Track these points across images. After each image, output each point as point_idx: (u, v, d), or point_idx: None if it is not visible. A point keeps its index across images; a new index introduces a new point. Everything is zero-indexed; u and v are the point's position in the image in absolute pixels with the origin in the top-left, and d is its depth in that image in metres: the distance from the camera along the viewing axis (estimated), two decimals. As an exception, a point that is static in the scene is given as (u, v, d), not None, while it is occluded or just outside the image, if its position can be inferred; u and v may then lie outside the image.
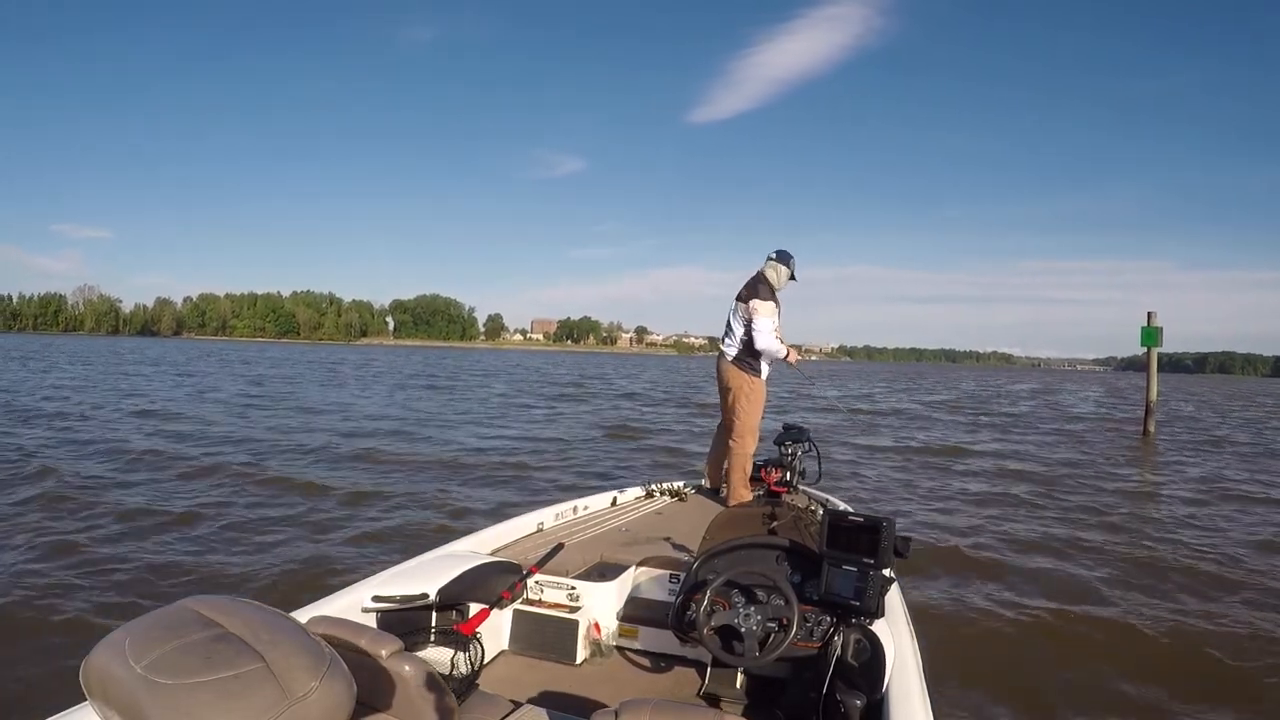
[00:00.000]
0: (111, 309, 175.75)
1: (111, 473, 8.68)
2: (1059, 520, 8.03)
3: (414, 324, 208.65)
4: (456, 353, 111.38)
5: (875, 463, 12.04)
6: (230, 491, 7.86)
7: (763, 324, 4.48)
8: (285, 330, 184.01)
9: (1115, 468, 12.65)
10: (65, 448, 10.30)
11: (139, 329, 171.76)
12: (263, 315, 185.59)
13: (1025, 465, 12.46)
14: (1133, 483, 11.15)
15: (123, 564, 5.27)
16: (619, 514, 4.16)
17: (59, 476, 8.09)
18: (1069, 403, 33.77)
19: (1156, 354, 17.07)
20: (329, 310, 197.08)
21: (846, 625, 2.27)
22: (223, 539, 6.05)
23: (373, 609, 2.42)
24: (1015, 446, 15.12)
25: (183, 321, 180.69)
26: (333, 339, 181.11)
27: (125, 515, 6.63)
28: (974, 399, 32.94)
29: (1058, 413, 26.39)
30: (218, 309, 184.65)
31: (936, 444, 14.80)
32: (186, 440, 11.52)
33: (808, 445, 4.63)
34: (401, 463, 10.21)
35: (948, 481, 10.50)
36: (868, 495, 9.09)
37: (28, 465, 8.66)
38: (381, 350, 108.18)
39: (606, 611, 2.87)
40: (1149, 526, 7.96)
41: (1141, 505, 9.23)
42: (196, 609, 0.94)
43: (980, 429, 18.58)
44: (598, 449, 12.58)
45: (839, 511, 2.49)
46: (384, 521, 6.85)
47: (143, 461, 9.43)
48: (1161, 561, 6.42)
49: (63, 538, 5.83)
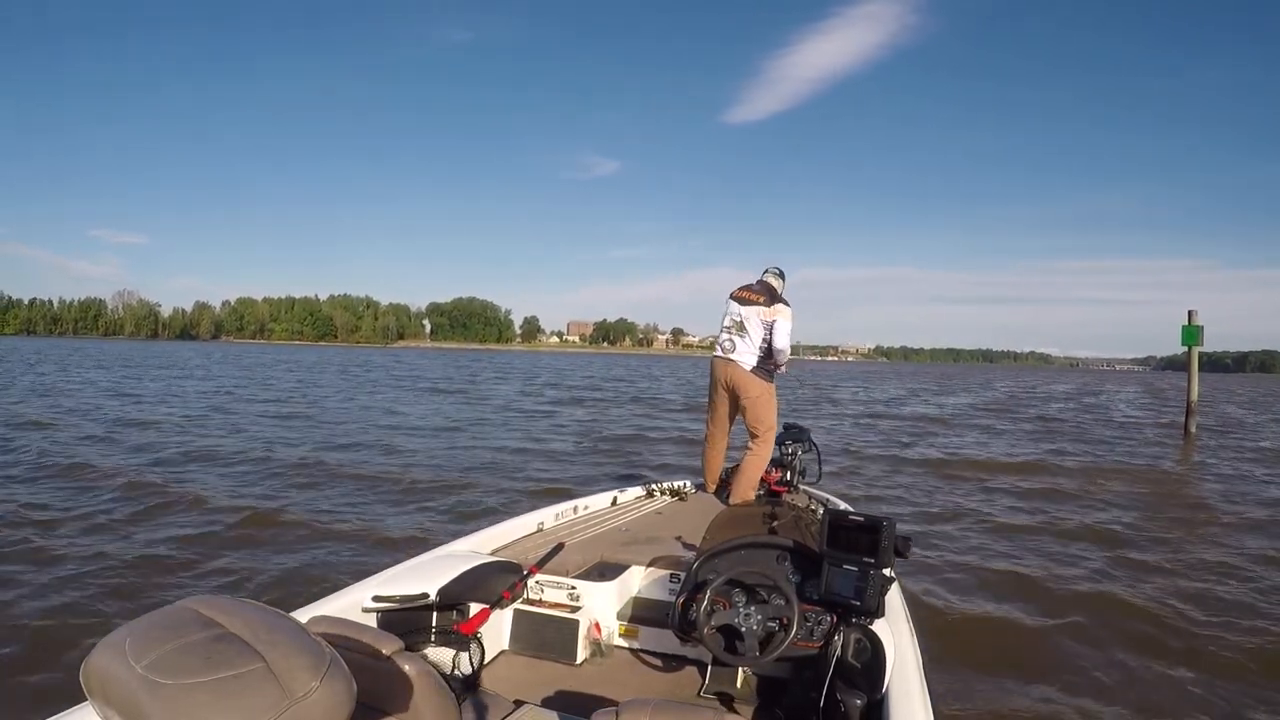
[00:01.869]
0: (150, 313, 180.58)
1: (108, 474, 8.71)
2: (1065, 520, 7.89)
3: (450, 327, 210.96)
4: (485, 354, 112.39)
5: (880, 463, 11.88)
6: (230, 490, 7.91)
7: (786, 327, 4.56)
8: (323, 334, 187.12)
9: (1144, 467, 12.34)
10: (50, 444, 10.45)
11: (178, 332, 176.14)
12: (300, 319, 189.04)
13: (1039, 462, 12.22)
14: (1160, 483, 10.86)
15: (122, 563, 5.32)
16: (619, 514, 4.15)
17: (59, 475, 8.21)
18: (1105, 403, 32.99)
19: (1197, 353, 16.67)
20: (366, 314, 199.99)
21: (847, 625, 2.26)
22: (223, 538, 6.09)
23: (373, 609, 2.43)
24: (1032, 445, 14.82)
25: (221, 325, 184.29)
26: (370, 342, 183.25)
27: (126, 514, 6.69)
28: (1002, 400, 32.22)
29: (1092, 413, 25.79)
30: (256, 313, 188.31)
31: (953, 446, 14.57)
32: (184, 438, 11.64)
33: (808, 445, 4.65)
34: (397, 464, 10.22)
35: (952, 480, 10.34)
36: (868, 495, 9.01)
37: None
38: (413, 353, 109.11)
39: (607, 611, 2.86)
40: (1166, 526, 7.80)
41: (1163, 506, 9.00)
42: (196, 609, 0.94)
43: (1001, 430, 18.16)
44: (569, 463, 11.26)
45: (839, 511, 2.48)
46: (384, 521, 6.88)
47: (142, 461, 9.52)
48: (1177, 565, 6.26)
49: (62, 537, 5.91)
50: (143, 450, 10.46)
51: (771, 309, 4.53)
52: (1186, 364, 17.28)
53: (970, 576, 5.77)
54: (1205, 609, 5.17)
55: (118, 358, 48.65)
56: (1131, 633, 4.73)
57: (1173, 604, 5.25)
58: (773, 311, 4.52)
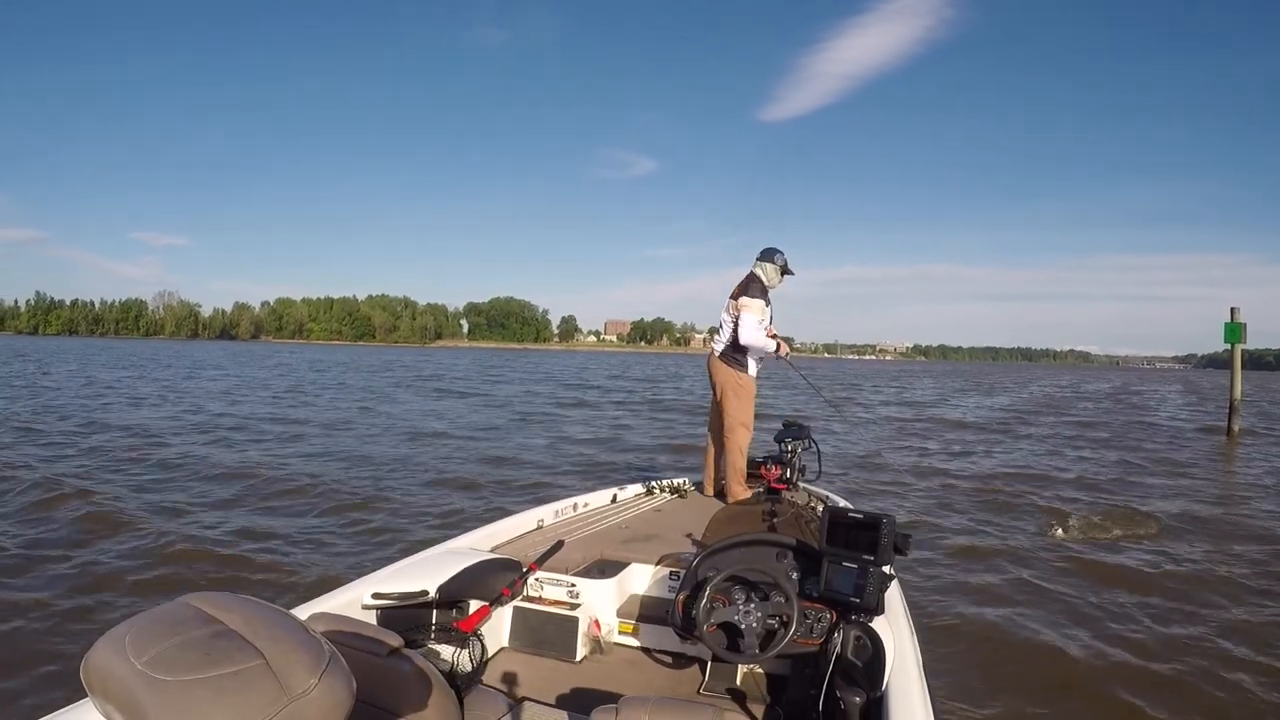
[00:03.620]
0: (191, 313, 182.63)
1: (110, 471, 8.84)
2: (1071, 521, 7.70)
3: (488, 326, 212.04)
4: (518, 354, 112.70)
5: (891, 457, 11.76)
6: (230, 490, 7.96)
7: (747, 319, 4.52)
8: (361, 333, 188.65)
9: (1176, 465, 12.01)
10: (61, 447, 10.58)
11: (218, 332, 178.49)
12: (339, 319, 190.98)
13: (1055, 461, 12.01)
14: (1189, 481, 10.56)
15: (122, 562, 5.39)
16: (619, 511, 4.15)
17: (58, 476, 8.26)
18: (1145, 402, 32.16)
19: (1240, 351, 16.23)
20: (404, 314, 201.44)
21: (847, 622, 2.25)
22: (223, 537, 6.14)
23: (373, 606, 2.44)
24: (1046, 448, 14.48)
25: (261, 325, 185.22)
26: (408, 342, 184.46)
27: (125, 513, 6.73)
28: (1035, 400, 31.36)
29: (1129, 412, 25.13)
30: (294, 313, 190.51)
31: (971, 447, 14.29)
32: (187, 438, 11.79)
33: (808, 442, 4.61)
34: (399, 462, 10.28)
35: (955, 479, 10.19)
36: (868, 492, 8.93)
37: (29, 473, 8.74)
38: (445, 352, 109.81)
39: (606, 608, 2.85)
40: (1185, 524, 7.62)
41: (1192, 504, 8.76)
42: (197, 605, 0.94)
43: (1023, 434, 17.64)
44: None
45: (839, 508, 2.47)
46: (384, 520, 6.92)
47: (142, 461, 9.59)
48: (1190, 569, 6.07)
49: (61, 537, 5.98)
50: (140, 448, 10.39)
51: (738, 303, 4.59)
52: (1229, 362, 16.83)
53: (971, 573, 5.74)
54: (1216, 615, 5.03)
55: (143, 357, 49.87)
56: (1133, 633, 4.67)
57: (1182, 606, 5.18)
58: (738, 305, 4.58)
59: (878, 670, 2.07)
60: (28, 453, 10.00)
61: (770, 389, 22.75)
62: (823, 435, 6.48)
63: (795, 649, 2.27)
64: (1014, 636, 4.56)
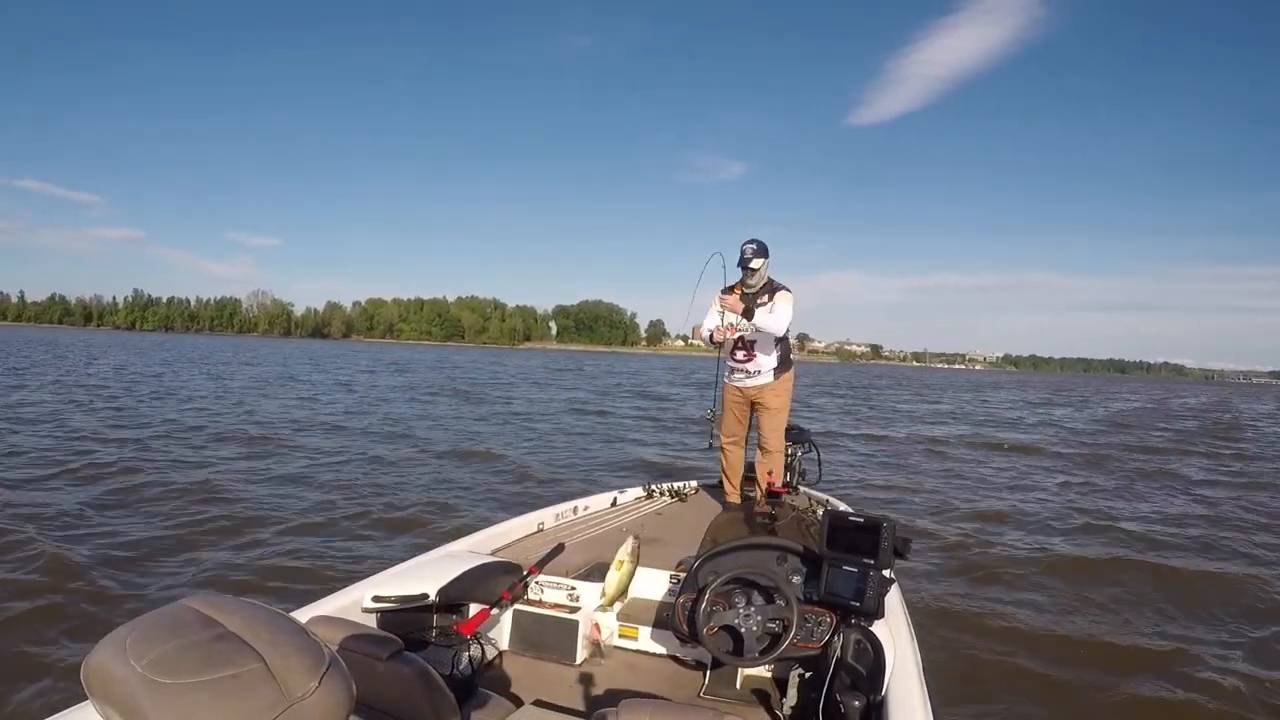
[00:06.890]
0: (284, 312, 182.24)
1: (108, 472, 8.64)
2: (1076, 520, 7.74)
3: (576, 329, 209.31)
4: (603, 357, 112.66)
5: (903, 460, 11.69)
6: (230, 489, 7.89)
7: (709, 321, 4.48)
8: (450, 334, 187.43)
9: (1200, 470, 11.90)
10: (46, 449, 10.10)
11: (310, 331, 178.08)
12: (428, 319, 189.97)
13: (1072, 465, 11.94)
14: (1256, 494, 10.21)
15: (123, 562, 5.37)
16: (619, 514, 4.15)
17: (57, 478, 8.17)
18: (1242, 417, 30.21)
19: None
20: (493, 315, 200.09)
21: (847, 626, 2.26)
22: (224, 537, 6.13)
23: (373, 609, 2.44)
24: (1069, 450, 14.40)
25: (352, 325, 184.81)
26: (497, 343, 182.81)
27: (124, 512, 6.73)
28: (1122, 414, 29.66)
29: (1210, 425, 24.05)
30: (385, 313, 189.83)
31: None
32: (192, 436, 11.69)
33: (808, 446, 4.61)
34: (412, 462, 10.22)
35: (959, 478, 10.11)
36: (867, 496, 8.87)
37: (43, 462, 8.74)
38: (529, 354, 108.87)
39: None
40: (1202, 526, 7.54)
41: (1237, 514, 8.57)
42: (196, 608, 0.93)
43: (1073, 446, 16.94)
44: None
45: (839, 512, 2.46)
46: (384, 519, 6.91)
47: (144, 460, 9.41)
48: (1195, 578, 5.99)
49: (61, 534, 5.96)
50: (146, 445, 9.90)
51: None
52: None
53: (971, 577, 5.72)
54: (1218, 624, 4.98)
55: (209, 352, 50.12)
56: (1135, 640, 4.65)
57: (1184, 610, 5.17)
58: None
59: (878, 674, 2.06)
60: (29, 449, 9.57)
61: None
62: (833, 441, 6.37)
63: (796, 652, 2.28)
64: (1014, 641, 4.55)
